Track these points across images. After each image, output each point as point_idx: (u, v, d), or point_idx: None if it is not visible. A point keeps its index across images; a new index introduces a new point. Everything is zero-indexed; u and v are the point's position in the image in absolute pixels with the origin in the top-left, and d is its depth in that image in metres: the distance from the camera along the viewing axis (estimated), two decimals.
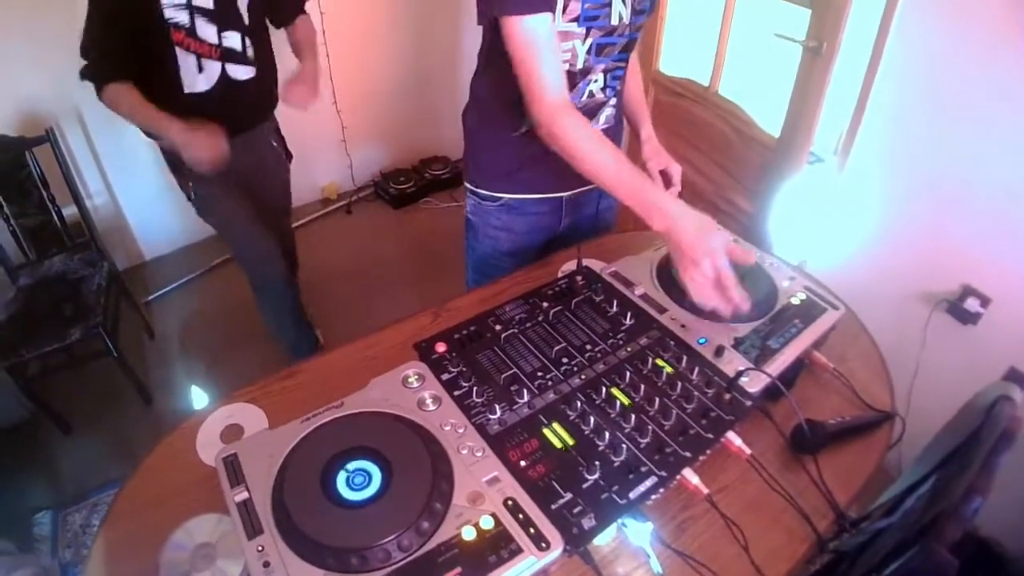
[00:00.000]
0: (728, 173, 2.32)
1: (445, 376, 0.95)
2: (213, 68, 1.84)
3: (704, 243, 0.99)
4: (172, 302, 3.01)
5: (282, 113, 2.09)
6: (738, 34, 2.22)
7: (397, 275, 3.06)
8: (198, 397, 2.55)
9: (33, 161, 2.35)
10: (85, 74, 1.74)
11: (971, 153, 1.65)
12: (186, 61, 1.79)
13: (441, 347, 1.00)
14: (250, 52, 1.92)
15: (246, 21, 1.87)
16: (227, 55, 1.86)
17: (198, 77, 1.83)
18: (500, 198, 1.43)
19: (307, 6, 2.09)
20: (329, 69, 3.27)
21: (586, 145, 1.12)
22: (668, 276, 1.15)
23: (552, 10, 1.13)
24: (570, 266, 1.28)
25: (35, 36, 2.48)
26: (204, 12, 1.76)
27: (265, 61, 2.00)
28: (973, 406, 0.86)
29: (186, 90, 1.82)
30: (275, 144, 2.20)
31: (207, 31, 1.79)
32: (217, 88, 1.87)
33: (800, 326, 1.08)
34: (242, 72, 1.91)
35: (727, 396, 0.93)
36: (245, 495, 0.77)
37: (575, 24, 1.19)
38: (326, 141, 3.53)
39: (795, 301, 1.14)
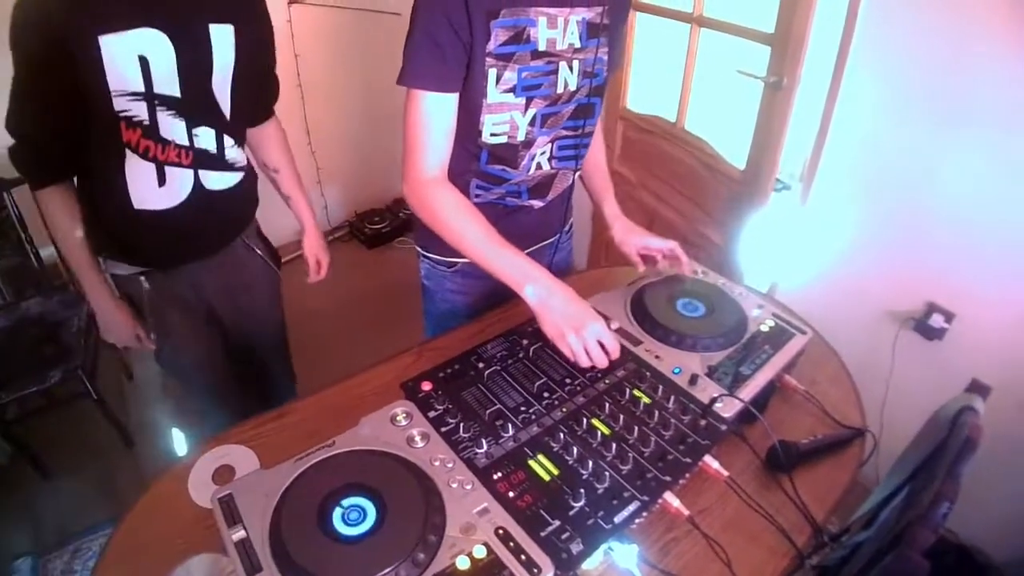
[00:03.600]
0: (698, 206, 2.39)
1: (432, 413, 0.98)
2: (181, 180, 1.39)
3: (567, 325, 1.03)
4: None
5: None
6: (702, 71, 2.31)
7: (373, 314, 3.09)
8: (179, 440, 2.53)
9: (11, 202, 2.33)
10: (14, 161, 1.35)
11: (930, 175, 1.74)
12: (139, 170, 1.34)
13: (427, 386, 1.04)
14: (230, 153, 1.47)
15: (225, 113, 1.42)
16: (201, 159, 1.41)
17: (157, 192, 1.37)
18: (454, 263, 1.41)
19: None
20: (304, 110, 3.32)
21: (453, 217, 1.14)
22: (642, 309, 1.21)
23: (453, 91, 1.12)
24: None
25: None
26: (169, 102, 1.31)
27: (248, 161, 1.60)
28: (938, 418, 0.92)
29: (136, 206, 1.37)
30: (259, 252, 1.75)
31: (173, 129, 1.33)
32: (187, 204, 1.42)
33: (770, 352, 1.14)
34: (221, 180, 1.47)
35: (703, 422, 0.98)
36: (243, 534, 0.79)
37: (511, 95, 1.17)
38: (306, 180, 3.52)
39: (764, 328, 1.20)
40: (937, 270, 1.81)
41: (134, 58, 1.23)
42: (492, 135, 1.20)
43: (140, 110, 1.27)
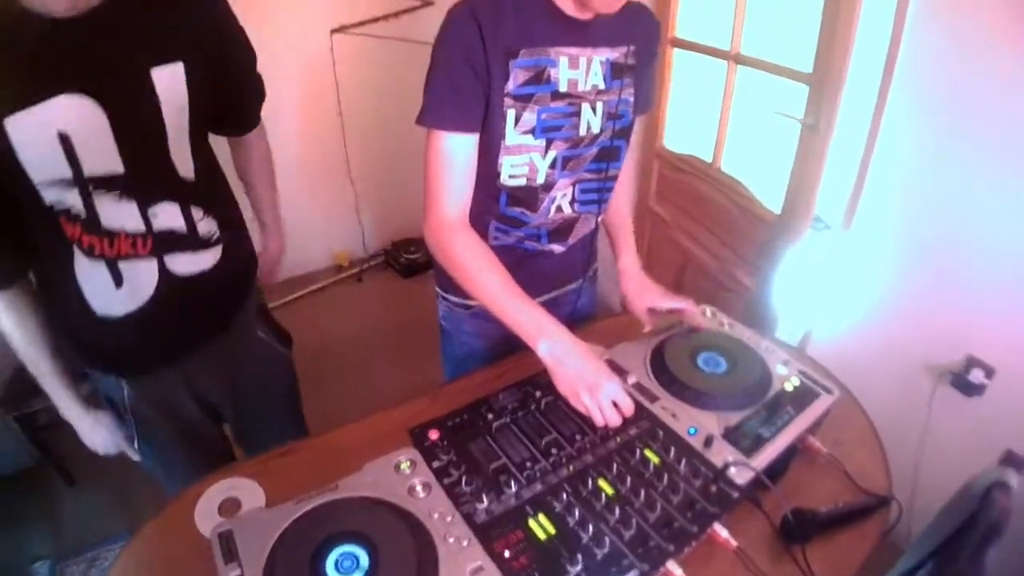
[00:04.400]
0: (731, 249, 2.36)
1: (436, 464, 0.97)
2: (142, 275, 1.11)
3: (581, 384, 1.01)
4: None
5: (297, 182, 1.78)
6: (739, 110, 2.29)
7: (403, 345, 3.10)
8: None
9: None
10: None
11: (972, 220, 1.67)
12: (89, 272, 1.08)
13: (434, 434, 1.03)
14: (203, 226, 1.17)
15: (188, 175, 1.12)
16: (164, 243, 1.11)
17: (116, 294, 1.11)
18: (471, 305, 1.39)
19: (312, 75, 1.46)
20: (344, 137, 3.40)
21: (470, 264, 1.13)
22: (662, 364, 1.18)
23: (473, 131, 1.11)
24: None
25: None
26: (108, 183, 1.03)
27: (230, 222, 1.26)
28: (968, 491, 0.87)
29: (98, 313, 1.12)
30: (262, 335, 1.45)
31: (120, 214, 1.05)
32: (155, 301, 1.13)
33: (792, 413, 1.10)
34: (195, 262, 1.17)
35: (714, 488, 0.95)
36: (238, 572, 0.79)
37: (530, 136, 1.15)
38: (339, 208, 3.63)
39: (788, 387, 1.16)
40: (978, 322, 1.73)
41: (52, 136, 0.96)
42: (511, 177, 1.19)
43: (73, 200, 1.01)
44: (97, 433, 1.30)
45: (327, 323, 3.27)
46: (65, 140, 0.96)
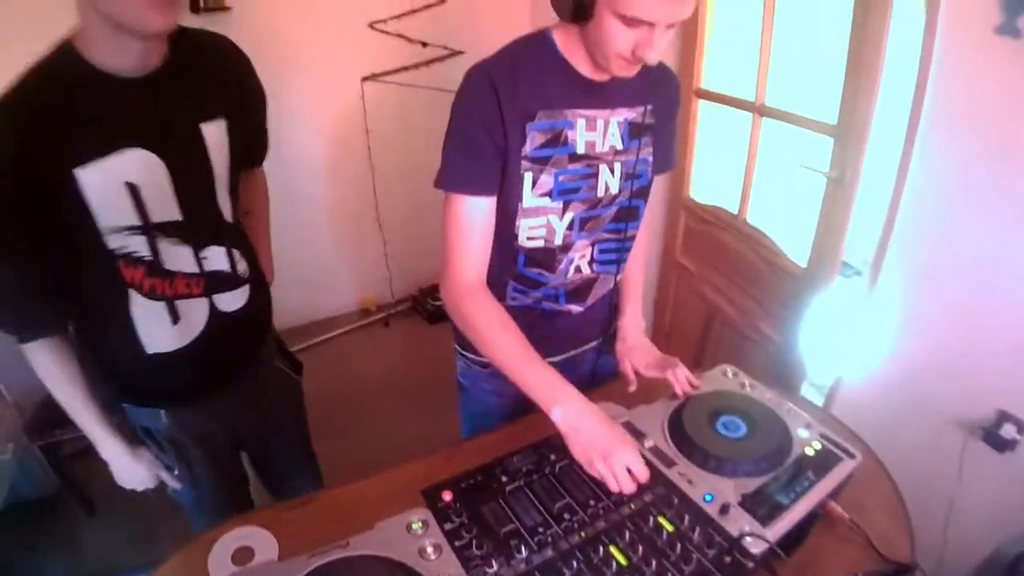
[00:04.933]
0: (757, 302, 2.34)
1: (448, 525, 0.97)
2: (197, 312, 1.23)
3: (596, 451, 1.00)
4: None
5: (326, 226, 1.87)
6: (764, 161, 2.29)
7: (426, 392, 3.07)
8: None
9: None
10: None
11: (1003, 274, 1.63)
12: (148, 311, 1.17)
13: (447, 495, 1.03)
14: (240, 267, 1.30)
15: (229, 219, 1.25)
16: (213, 283, 1.24)
17: (171, 331, 1.20)
18: (490, 364, 1.35)
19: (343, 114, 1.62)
20: (373, 183, 3.46)
21: (487, 327, 1.13)
22: (679, 428, 1.16)
23: (490, 194, 1.12)
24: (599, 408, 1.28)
25: None
26: (172, 229, 1.14)
27: (253, 260, 1.37)
28: (996, 559, 0.85)
29: (148, 351, 1.20)
30: (279, 365, 1.56)
31: (180, 258, 1.17)
32: (203, 336, 1.25)
33: (813, 479, 1.07)
34: (234, 300, 1.29)
35: (728, 558, 0.93)
36: None
37: (547, 199, 1.15)
38: (367, 254, 3.67)
39: (809, 451, 1.13)
40: (1010, 375, 1.66)
41: (121, 186, 1.06)
42: (528, 239, 1.19)
43: (139, 245, 1.11)
44: (136, 468, 1.34)
45: (353, 367, 3.29)
46: (133, 190, 1.07)
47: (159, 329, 1.19)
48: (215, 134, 1.17)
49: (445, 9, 3.27)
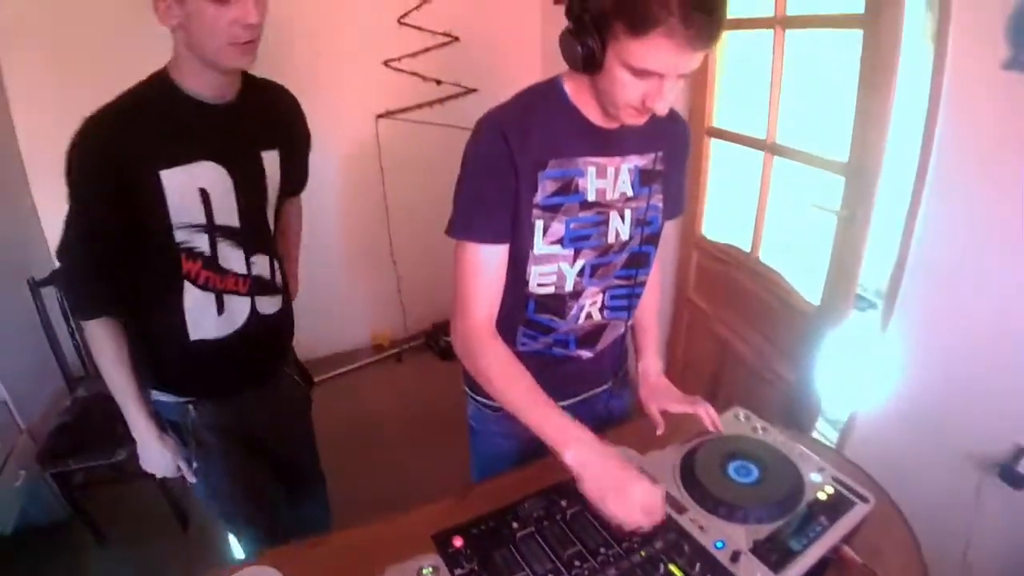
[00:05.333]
0: (770, 341, 2.33)
1: (458, 571, 0.97)
2: (239, 307, 1.42)
3: (609, 489, 1.00)
4: None
5: (340, 261, 2.00)
6: (776, 200, 2.30)
7: (438, 430, 3.02)
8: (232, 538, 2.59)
9: None
10: (62, 288, 1.41)
11: (1018, 306, 1.61)
12: (199, 300, 1.36)
13: (458, 541, 1.02)
14: (278, 276, 1.51)
15: (272, 229, 1.48)
16: (257, 286, 1.43)
17: (216, 320, 1.39)
18: (500, 408, 1.35)
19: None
20: (387, 220, 3.51)
21: (497, 372, 1.14)
22: (691, 473, 1.16)
23: (501, 242, 1.13)
24: None
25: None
26: (230, 233, 1.34)
27: (283, 273, 1.57)
28: None
29: (192, 337, 1.38)
30: (294, 376, 1.74)
31: (232, 259, 1.37)
32: (242, 330, 1.43)
33: (825, 524, 1.06)
34: (271, 304, 1.50)
35: None
36: None
37: (559, 246, 1.16)
38: (381, 289, 3.70)
39: (821, 496, 1.12)
40: None
41: (195, 190, 1.27)
42: (539, 285, 1.20)
43: (201, 242, 1.31)
44: (162, 453, 1.46)
45: (365, 403, 3.30)
46: (204, 194, 1.28)
47: (205, 317, 1.37)
48: (271, 161, 1.41)
49: (458, 47, 3.33)
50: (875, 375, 1.98)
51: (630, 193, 1.19)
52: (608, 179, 1.16)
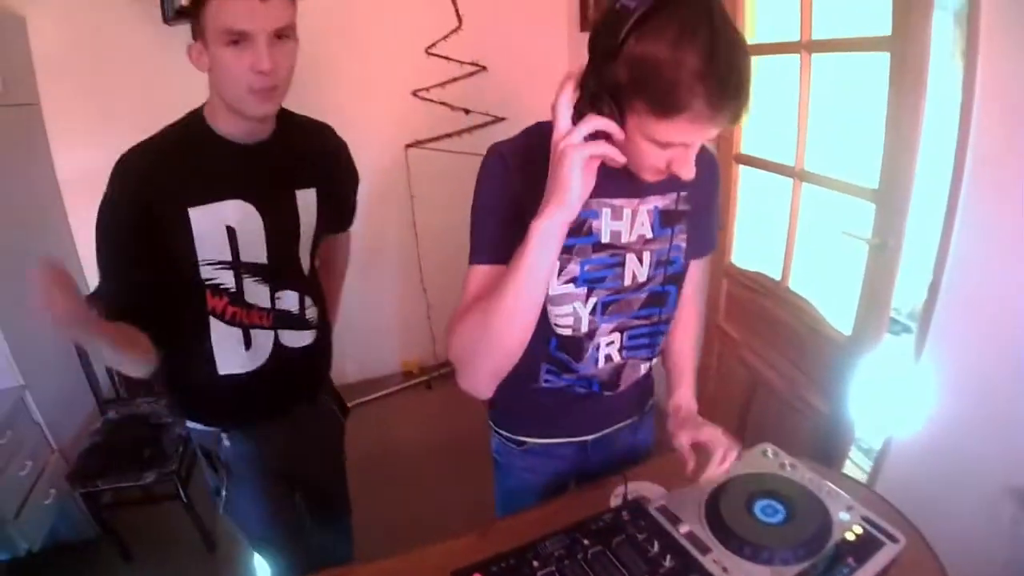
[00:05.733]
0: (801, 370, 2.29)
1: None
2: (263, 341, 1.41)
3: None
4: None
5: (371, 288, 2.00)
6: (806, 226, 2.27)
7: (465, 458, 3.00)
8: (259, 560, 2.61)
9: None
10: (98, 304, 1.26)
11: None
12: (225, 335, 1.37)
13: None
14: (310, 312, 1.50)
15: (306, 268, 1.47)
16: (281, 320, 1.43)
17: (244, 355, 1.40)
18: (524, 442, 1.37)
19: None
20: (417, 248, 3.55)
21: (476, 311, 1.02)
22: (716, 512, 1.14)
23: (503, 262, 1.01)
24: (631, 487, 1.26)
25: None
26: (256, 269, 1.35)
27: (323, 310, 1.58)
28: None
29: (221, 371, 1.39)
30: (327, 400, 1.72)
31: (257, 294, 1.37)
32: (267, 364, 1.43)
33: (853, 565, 1.02)
34: (299, 338, 1.48)
35: None
36: None
37: (572, 285, 1.13)
38: (411, 316, 3.72)
39: (850, 536, 1.08)
40: None
41: (222, 228, 1.28)
42: (557, 325, 1.18)
43: (227, 278, 1.32)
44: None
45: (392, 430, 3.30)
46: (231, 232, 1.29)
47: (234, 352, 1.38)
48: (306, 200, 1.41)
49: (487, 77, 3.37)
50: (909, 402, 1.92)
51: (649, 235, 1.16)
52: (624, 221, 1.13)
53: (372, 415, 3.42)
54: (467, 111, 3.40)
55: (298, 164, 1.40)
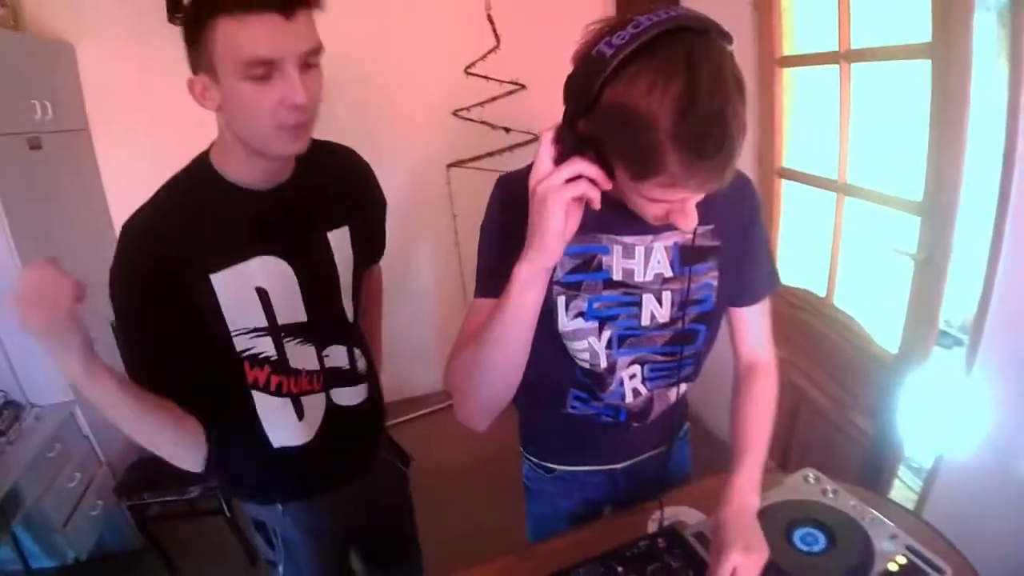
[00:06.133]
0: (846, 390, 2.21)
1: None
2: (315, 407, 1.25)
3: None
4: None
5: (414, 307, 1.87)
6: (849, 241, 2.20)
7: (504, 478, 3.02)
8: None
9: None
10: None
11: None
12: (273, 408, 1.20)
13: None
14: (360, 364, 1.34)
15: (350, 317, 1.31)
16: (332, 379, 1.27)
17: (296, 426, 1.23)
18: (553, 469, 1.34)
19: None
20: (460, 268, 3.58)
21: (472, 348, 0.97)
22: None
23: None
24: (669, 512, 1.22)
25: None
26: (297, 330, 1.18)
27: (371, 358, 1.43)
28: None
29: (275, 445, 1.23)
30: (387, 457, 1.56)
31: (304, 356, 1.21)
32: (322, 429, 1.27)
33: None
34: (352, 395, 1.33)
35: None
36: None
37: (581, 319, 1.07)
38: (454, 335, 3.67)
39: (892, 567, 1.03)
40: None
41: (252, 291, 1.11)
42: (577, 358, 1.13)
43: (265, 346, 1.15)
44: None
45: (431, 449, 3.25)
46: (263, 294, 1.12)
47: (286, 424, 1.22)
48: (340, 240, 1.24)
49: (525, 95, 3.39)
50: (960, 420, 1.84)
51: (669, 273, 1.07)
52: (637, 260, 1.06)
53: (413, 435, 3.36)
54: (507, 129, 3.42)
55: (325, 202, 1.23)
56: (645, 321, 1.09)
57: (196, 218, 1.07)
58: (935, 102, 1.73)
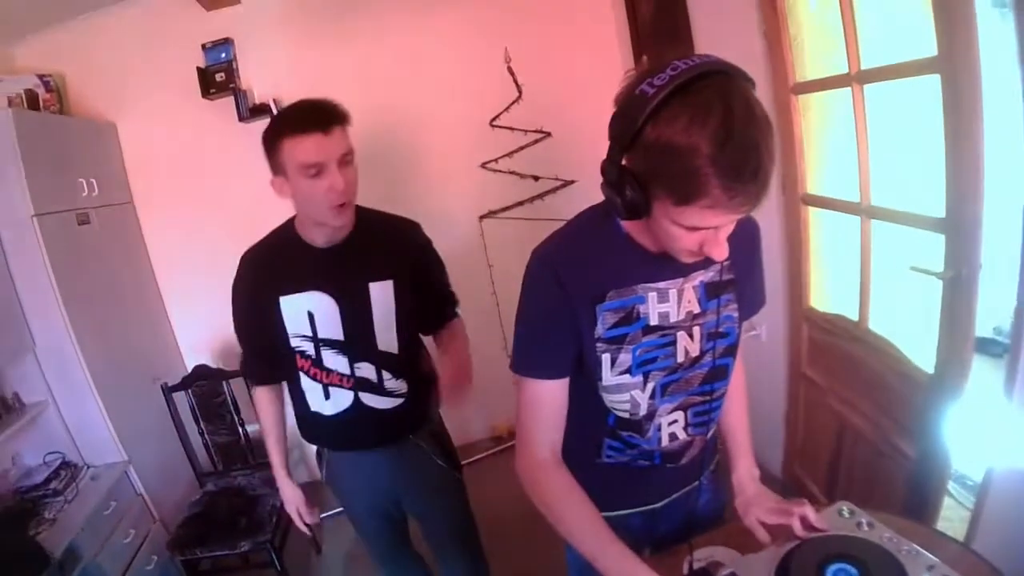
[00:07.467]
0: (887, 414, 2.16)
1: None
2: (342, 397, 1.71)
3: None
4: (345, 522, 3.17)
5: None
6: (878, 263, 2.17)
7: (549, 523, 2.98)
8: None
9: (228, 389, 2.74)
10: (241, 367, 1.91)
11: None
12: (310, 386, 1.71)
13: None
14: (390, 384, 1.72)
15: (390, 350, 1.70)
16: (361, 385, 1.70)
17: (323, 403, 1.71)
18: None
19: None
20: (499, 316, 3.56)
21: (560, 503, 1.12)
22: None
23: (560, 377, 1.12)
24: (704, 553, 1.22)
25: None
26: (333, 344, 1.66)
27: (414, 384, 1.78)
28: None
29: (312, 408, 1.74)
30: (432, 454, 1.89)
31: (336, 362, 1.68)
32: (347, 414, 1.72)
33: None
34: (381, 402, 1.73)
35: None
36: None
37: (627, 375, 1.13)
38: (499, 381, 3.66)
39: None
40: None
41: (304, 312, 1.64)
42: (614, 408, 1.18)
43: (309, 348, 1.67)
44: (295, 496, 1.85)
45: (480, 496, 3.27)
46: (311, 316, 1.65)
47: (317, 400, 1.73)
48: (380, 291, 1.66)
49: (551, 142, 3.45)
50: (1006, 433, 1.77)
51: (697, 309, 1.16)
52: (671, 302, 1.13)
53: (466, 480, 3.43)
54: (536, 178, 3.47)
55: (372, 260, 1.66)
56: (680, 358, 1.16)
57: (278, 261, 1.67)
58: (947, 115, 1.70)
